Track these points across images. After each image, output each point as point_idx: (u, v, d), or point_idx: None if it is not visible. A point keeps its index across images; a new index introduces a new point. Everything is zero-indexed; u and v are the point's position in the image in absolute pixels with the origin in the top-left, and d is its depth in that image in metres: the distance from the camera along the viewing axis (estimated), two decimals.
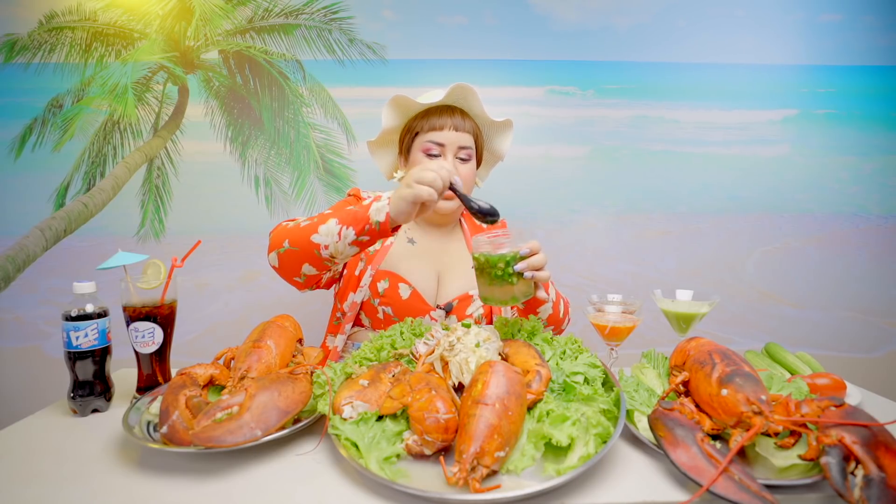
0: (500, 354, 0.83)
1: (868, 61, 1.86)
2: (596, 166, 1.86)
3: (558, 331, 1.16)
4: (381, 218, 0.87)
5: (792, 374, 1.03)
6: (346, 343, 1.19)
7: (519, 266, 0.87)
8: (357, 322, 1.20)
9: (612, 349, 1.05)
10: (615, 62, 1.85)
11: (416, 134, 1.16)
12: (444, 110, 1.15)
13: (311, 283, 1.07)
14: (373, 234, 0.90)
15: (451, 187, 0.89)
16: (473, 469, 0.59)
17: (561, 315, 1.15)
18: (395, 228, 0.90)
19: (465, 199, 0.90)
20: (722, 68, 1.85)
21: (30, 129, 1.77)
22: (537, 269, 0.89)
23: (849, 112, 1.87)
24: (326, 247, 0.92)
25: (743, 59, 1.85)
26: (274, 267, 1.01)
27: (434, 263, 1.21)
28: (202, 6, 1.76)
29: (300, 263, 0.97)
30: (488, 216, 0.89)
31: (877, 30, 1.85)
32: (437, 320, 1.15)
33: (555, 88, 1.85)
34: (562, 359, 0.83)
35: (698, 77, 1.86)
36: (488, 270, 0.88)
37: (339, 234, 0.90)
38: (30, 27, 1.75)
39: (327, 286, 1.19)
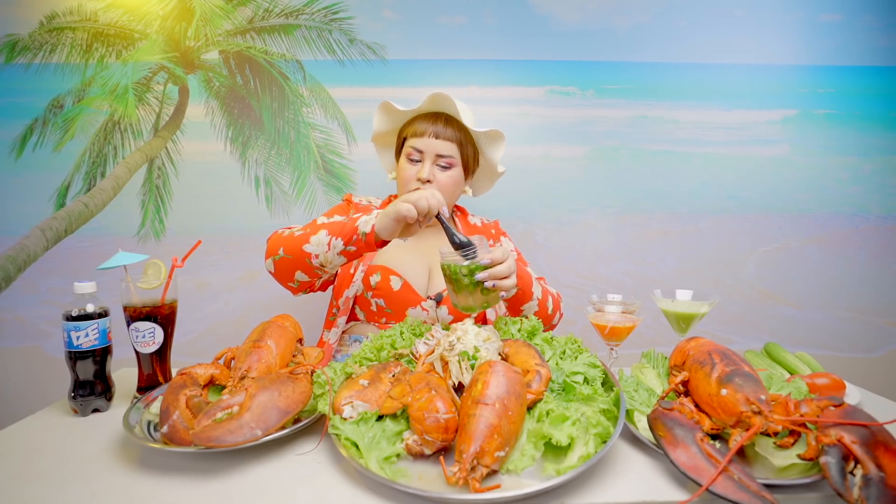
0: (500, 354, 0.83)
1: (868, 61, 1.86)
2: (596, 166, 1.86)
3: (549, 327, 1.17)
4: (367, 229, 0.92)
5: (791, 374, 1.03)
6: (340, 337, 1.20)
7: (480, 276, 0.88)
8: (352, 316, 1.23)
9: (612, 349, 1.05)
10: (615, 62, 1.84)
11: (405, 138, 1.20)
12: (428, 116, 1.17)
13: (305, 288, 1.11)
14: (359, 245, 0.94)
15: (438, 216, 0.92)
16: (473, 469, 0.59)
17: (550, 311, 1.15)
18: (381, 244, 0.94)
19: (448, 230, 0.92)
20: (722, 68, 1.85)
21: (30, 130, 1.77)
22: (500, 279, 0.90)
23: (849, 112, 1.87)
24: (317, 256, 0.97)
25: (743, 59, 1.85)
26: (270, 272, 1.07)
27: (425, 257, 1.22)
28: (202, 6, 1.76)
29: (293, 270, 1.02)
30: (463, 248, 0.91)
31: (877, 30, 1.85)
32: (427, 311, 1.16)
33: (555, 88, 1.85)
34: (562, 359, 0.83)
35: (698, 77, 1.85)
36: (453, 279, 0.90)
37: (329, 244, 0.96)
38: (30, 28, 1.75)
39: (322, 289, 1.22)
